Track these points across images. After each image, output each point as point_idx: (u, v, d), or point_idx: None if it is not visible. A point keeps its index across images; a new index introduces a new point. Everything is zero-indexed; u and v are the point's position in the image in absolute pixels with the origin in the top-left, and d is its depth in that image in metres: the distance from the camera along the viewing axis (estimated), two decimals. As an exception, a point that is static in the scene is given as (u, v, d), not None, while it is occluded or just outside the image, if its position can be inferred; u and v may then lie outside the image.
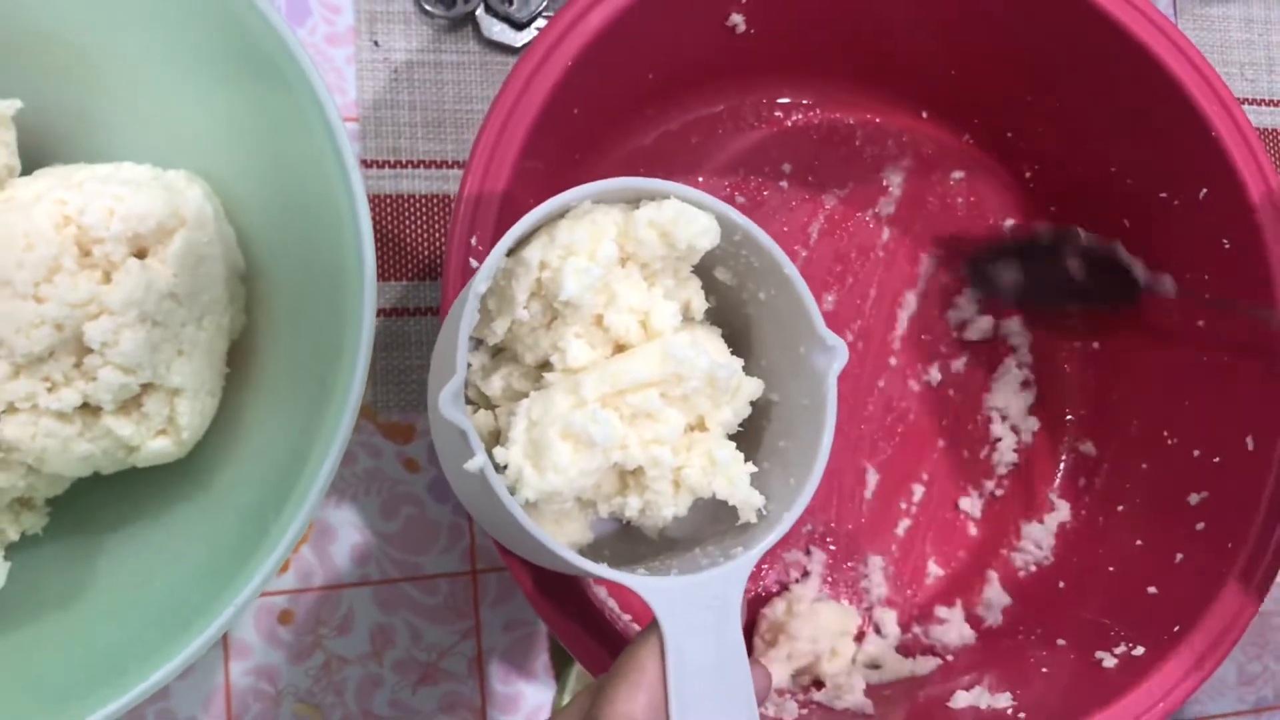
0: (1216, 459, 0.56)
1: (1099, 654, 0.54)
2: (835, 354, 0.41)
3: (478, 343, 0.44)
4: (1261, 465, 0.54)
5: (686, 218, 0.40)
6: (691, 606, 0.38)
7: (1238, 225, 0.55)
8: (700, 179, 0.61)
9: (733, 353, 0.43)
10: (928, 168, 0.64)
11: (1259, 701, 0.65)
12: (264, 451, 0.49)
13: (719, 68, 0.60)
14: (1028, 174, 0.64)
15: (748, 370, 0.43)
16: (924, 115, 0.64)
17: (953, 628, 0.60)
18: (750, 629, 0.58)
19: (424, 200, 0.59)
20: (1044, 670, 0.55)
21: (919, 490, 0.62)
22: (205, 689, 0.54)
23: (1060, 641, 0.57)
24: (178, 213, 0.47)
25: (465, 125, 0.59)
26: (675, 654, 0.37)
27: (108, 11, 0.48)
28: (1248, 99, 0.71)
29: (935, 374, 0.63)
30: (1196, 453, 0.57)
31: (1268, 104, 0.71)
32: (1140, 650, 0.53)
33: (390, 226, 0.58)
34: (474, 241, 0.48)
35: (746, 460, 0.42)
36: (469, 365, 0.44)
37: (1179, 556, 0.55)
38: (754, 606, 0.59)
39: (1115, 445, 0.62)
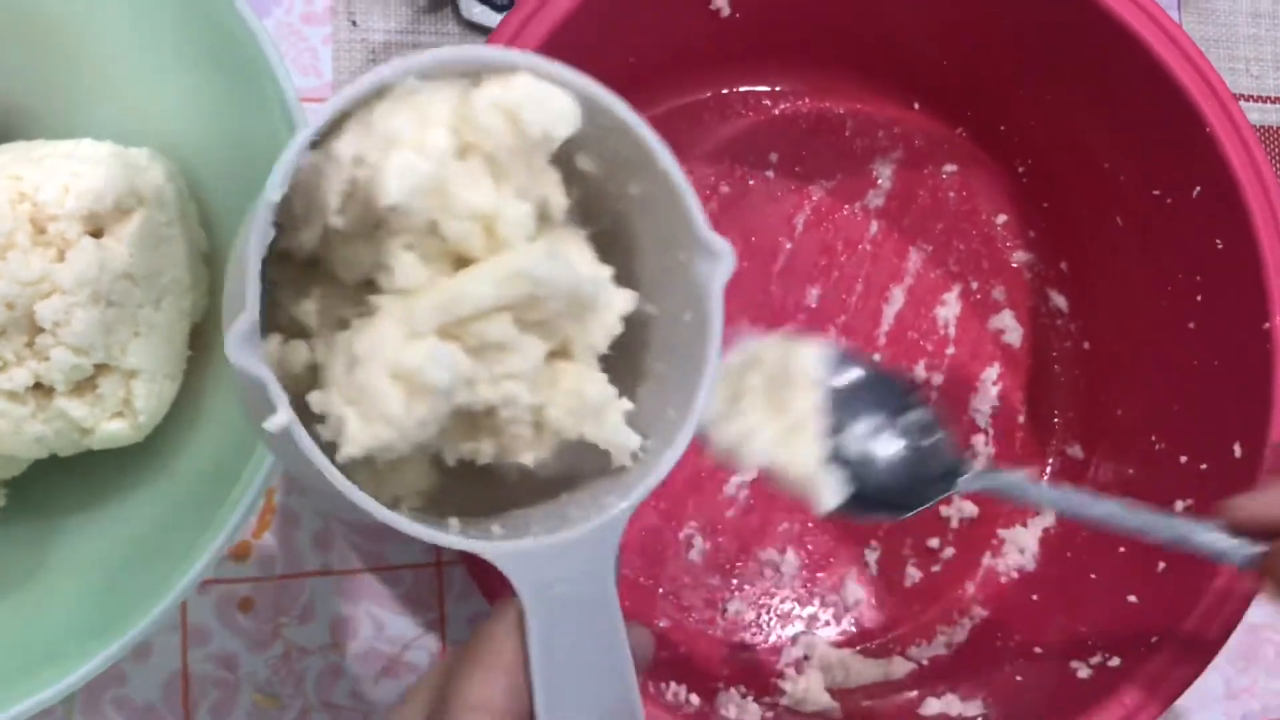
0: (1203, 465, 0.55)
1: (1074, 664, 0.53)
2: (720, 259, 0.35)
3: (283, 258, 0.35)
4: (1248, 473, 0.52)
5: (541, 98, 0.32)
6: (557, 572, 0.33)
7: (1231, 225, 0.54)
8: (684, 166, 0.60)
9: (600, 259, 0.36)
10: (919, 160, 0.63)
11: (1246, 715, 0.64)
12: (220, 436, 0.49)
13: (703, 53, 0.59)
14: (1020, 169, 0.63)
15: (619, 279, 0.36)
16: (916, 106, 0.63)
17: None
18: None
19: (398, 184, 0.58)
20: (1018, 679, 0.55)
21: (899, 490, 0.61)
22: (163, 675, 0.53)
23: (1037, 649, 0.56)
24: (137, 191, 0.46)
25: (441, 109, 0.59)
26: (539, 629, 0.32)
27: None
28: (1253, 95, 0.69)
29: (921, 372, 0.62)
30: (1184, 458, 0.56)
31: (1273, 101, 0.70)
32: (1116, 661, 0.52)
33: (363, 210, 0.58)
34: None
35: (620, 392, 0.36)
36: (274, 285, 0.35)
37: (1161, 565, 0.54)
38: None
39: (1103, 449, 0.61)
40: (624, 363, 0.37)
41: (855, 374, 0.45)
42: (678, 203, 0.35)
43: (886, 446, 0.45)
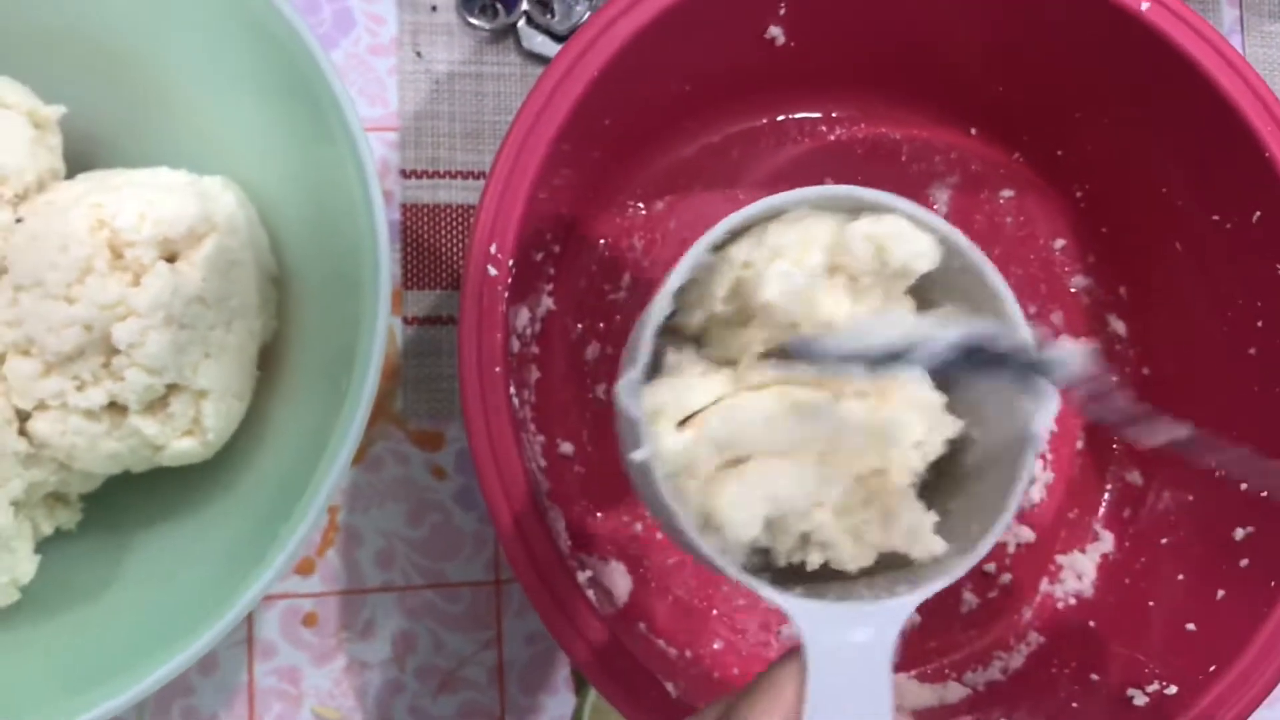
0: (1264, 493, 0.54)
1: (1131, 691, 0.52)
2: (1045, 402, 0.38)
3: (674, 331, 0.42)
4: (1310, 501, 0.52)
5: (905, 236, 0.38)
6: (841, 636, 0.36)
7: (1292, 249, 0.53)
8: (740, 193, 0.61)
9: (939, 384, 0.41)
10: (976, 185, 0.63)
11: (1309, 748, 0.62)
12: (285, 453, 0.50)
13: (759, 80, 0.59)
14: (1078, 194, 0.63)
15: (953, 403, 0.41)
16: (972, 132, 0.63)
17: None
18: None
19: (461, 210, 0.59)
20: (1074, 705, 0.54)
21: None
22: (229, 688, 0.55)
23: (1094, 676, 0.55)
24: (209, 218, 0.48)
25: (503, 136, 0.60)
26: (816, 682, 0.35)
27: (153, 24, 0.50)
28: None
29: (978, 396, 0.62)
30: (1244, 486, 0.55)
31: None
32: (1173, 689, 0.51)
33: (427, 236, 0.59)
34: (493, 249, 0.48)
35: (930, 505, 0.40)
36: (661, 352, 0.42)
37: (1221, 593, 0.53)
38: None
39: (1162, 475, 0.60)
40: (943, 475, 0.42)
41: None
42: (1017, 344, 0.38)
43: None
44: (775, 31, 0.56)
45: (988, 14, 0.56)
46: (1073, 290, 0.63)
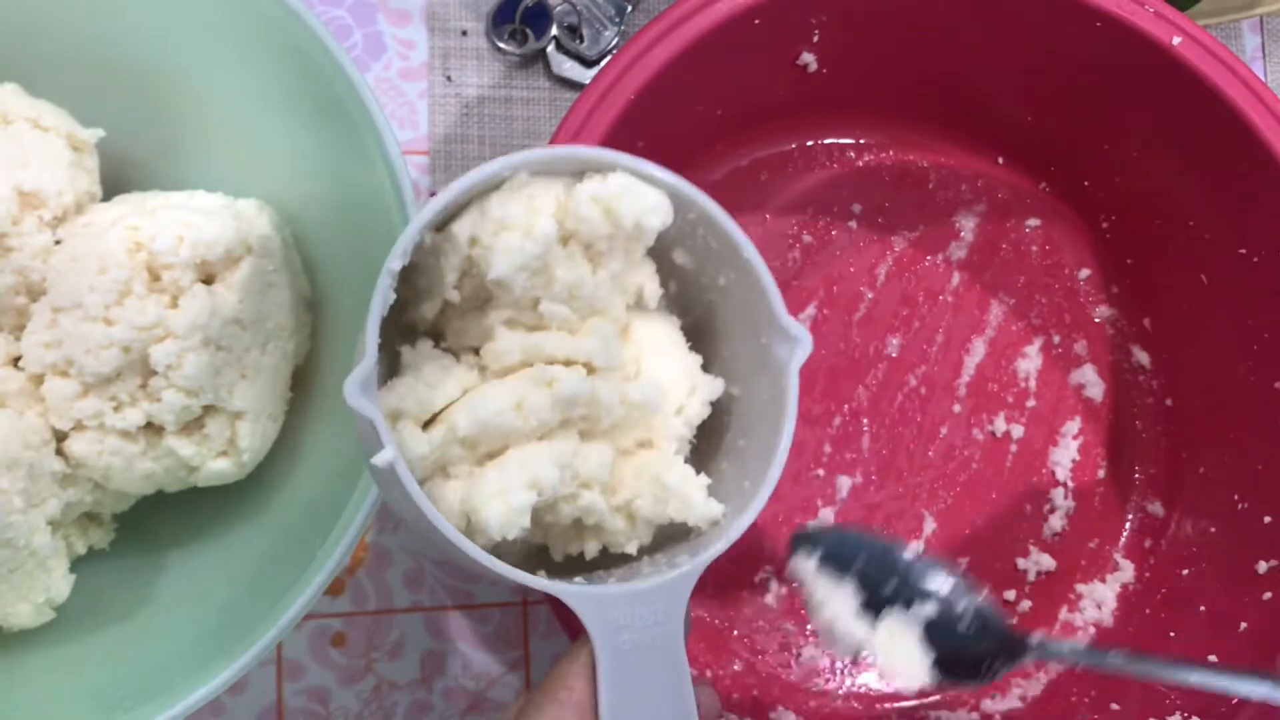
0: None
1: (1151, 721, 0.53)
2: (797, 344, 0.38)
3: (408, 330, 0.40)
4: (1332, 536, 0.52)
5: (633, 193, 0.36)
6: (628, 619, 0.35)
7: (1319, 284, 0.54)
8: (767, 216, 0.61)
9: (694, 345, 0.40)
10: (1002, 214, 0.63)
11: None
12: (319, 475, 0.50)
13: (790, 106, 0.60)
14: (1104, 224, 0.63)
15: (709, 362, 0.40)
16: (1000, 160, 0.63)
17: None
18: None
19: (491, 233, 0.60)
20: (1096, 735, 0.54)
21: (976, 542, 0.61)
22: (259, 706, 0.55)
23: (1114, 706, 0.55)
24: (245, 241, 0.48)
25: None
26: (608, 672, 0.35)
27: (189, 49, 0.50)
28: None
29: (1001, 424, 0.62)
30: (1267, 519, 0.55)
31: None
32: (1195, 720, 0.51)
33: (457, 258, 0.59)
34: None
35: (700, 469, 0.39)
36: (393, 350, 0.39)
37: (1243, 625, 0.54)
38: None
39: (1184, 506, 0.61)
40: (709, 437, 0.41)
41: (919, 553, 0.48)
42: (760, 290, 0.38)
43: (956, 613, 0.48)
44: (808, 58, 0.56)
45: (1018, 46, 0.56)
46: (1097, 320, 0.63)
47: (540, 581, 0.36)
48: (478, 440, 0.36)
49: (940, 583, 0.47)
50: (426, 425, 0.37)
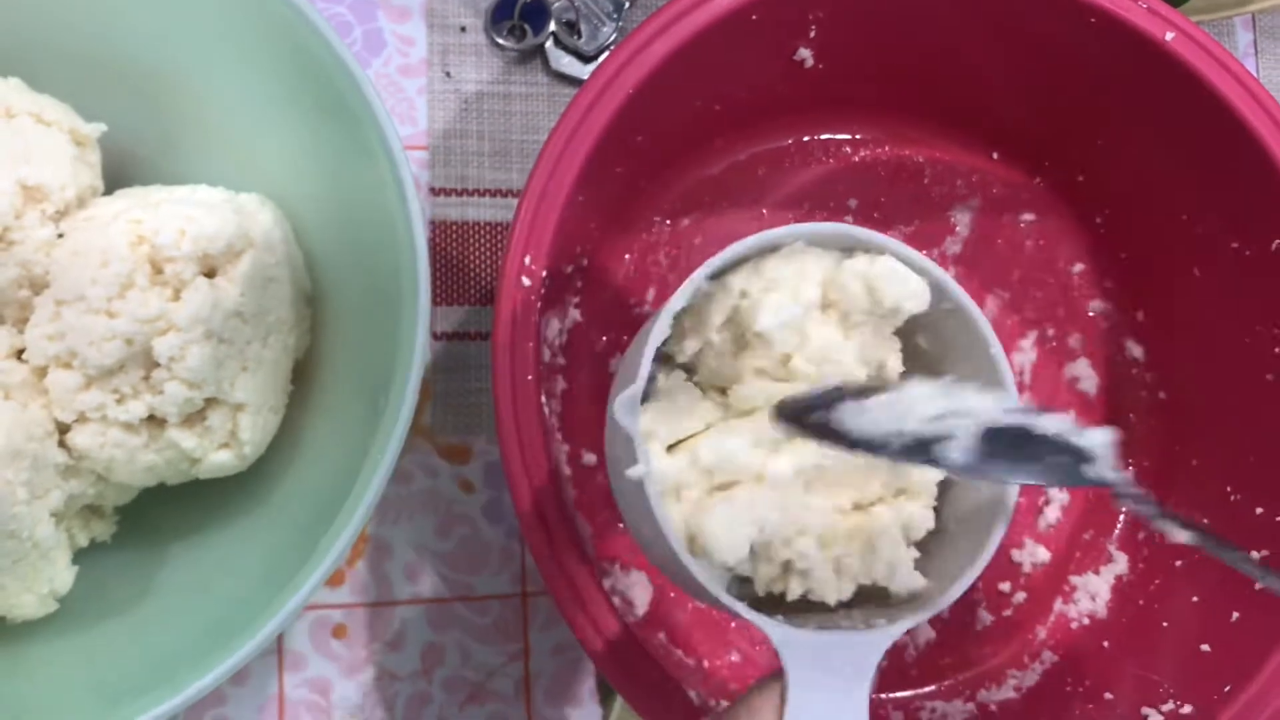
0: (1279, 517, 0.55)
1: (1145, 710, 0.53)
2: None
3: (666, 359, 0.44)
4: (1325, 526, 0.53)
5: (898, 277, 0.40)
6: (821, 665, 0.37)
7: (1310, 278, 0.54)
8: (765, 210, 0.62)
9: None
10: (997, 209, 0.64)
11: (1320, 767, 0.63)
12: (319, 467, 0.51)
13: (787, 102, 0.60)
14: (1098, 219, 0.63)
15: None
16: (994, 156, 0.64)
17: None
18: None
19: (489, 228, 0.60)
20: (1089, 725, 0.55)
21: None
22: (260, 698, 0.55)
23: (1108, 695, 0.56)
24: (247, 235, 0.49)
25: (531, 155, 0.61)
26: (795, 708, 0.36)
27: (191, 44, 0.50)
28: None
29: (996, 417, 0.62)
30: (1259, 510, 0.56)
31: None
32: (1188, 709, 0.52)
33: (455, 252, 0.59)
34: (528, 260, 0.49)
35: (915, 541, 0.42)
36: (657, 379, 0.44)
37: (1235, 615, 0.54)
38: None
39: (1177, 498, 0.61)
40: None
41: None
42: (1000, 385, 0.41)
43: None
44: (805, 54, 0.57)
45: (1013, 42, 0.57)
46: (1091, 314, 0.64)
47: (751, 614, 0.38)
48: (715, 470, 0.39)
49: None
50: (670, 448, 0.41)
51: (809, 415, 0.37)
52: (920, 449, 0.36)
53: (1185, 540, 0.38)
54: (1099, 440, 0.37)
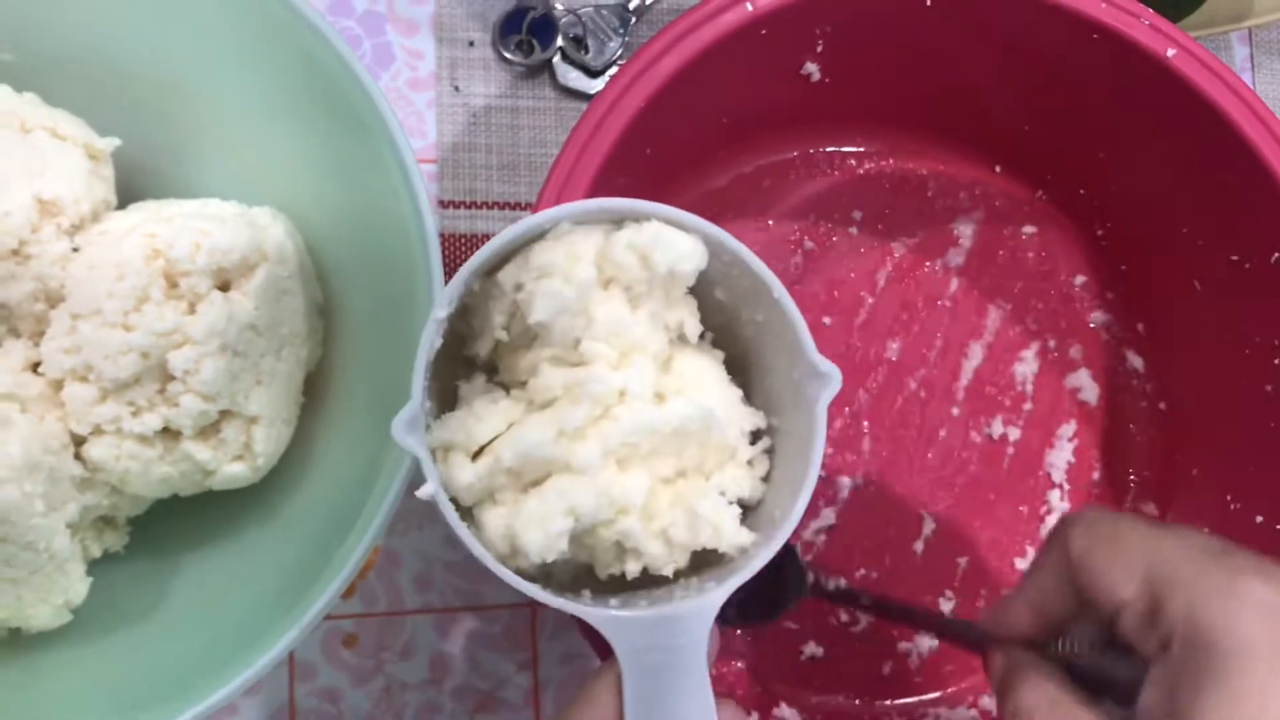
0: (1279, 525, 0.55)
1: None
2: (826, 381, 0.39)
3: (469, 362, 0.43)
4: (1323, 535, 0.53)
5: (666, 241, 0.39)
6: (654, 641, 0.37)
7: (1310, 291, 0.55)
8: (770, 222, 0.62)
9: (738, 379, 0.42)
10: (999, 221, 0.64)
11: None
12: (333, 479, 0.51)
13: (793, 115, 0.61)
14: (1100, 231, 0.64)
15: (749, 395, 0.42)
16: (997, 169, 0.64)
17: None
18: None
19: (498, 240, 0.60)
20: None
21: (975, 543, 0.62)
22: (271, 707, 0.56)
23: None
24: (260, 248, 0.49)
25: (539, 168, 0.61)
26: (634, 691, 0.36)
27: (204, 58, 0.51)
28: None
29: (998, 427, 0.63)
30: (1259, 519, 0.56)
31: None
32: (1191, 717, 0.52)
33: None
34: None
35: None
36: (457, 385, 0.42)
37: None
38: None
39: (1177, 508, 0.62)
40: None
41: None
42: (792, 329, 0.40)
43: None
44: (811, 68, 0.57)
45: (1016, 57, 0.57)
46: (1092, 325, 0.65)
47: (566, 604, 0.38)
48: (521, 470, 0.38)
49: None
50: (476, 455, 0.39)
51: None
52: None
53: None
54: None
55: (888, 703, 0.60)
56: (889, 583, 0.61)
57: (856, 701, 0.60)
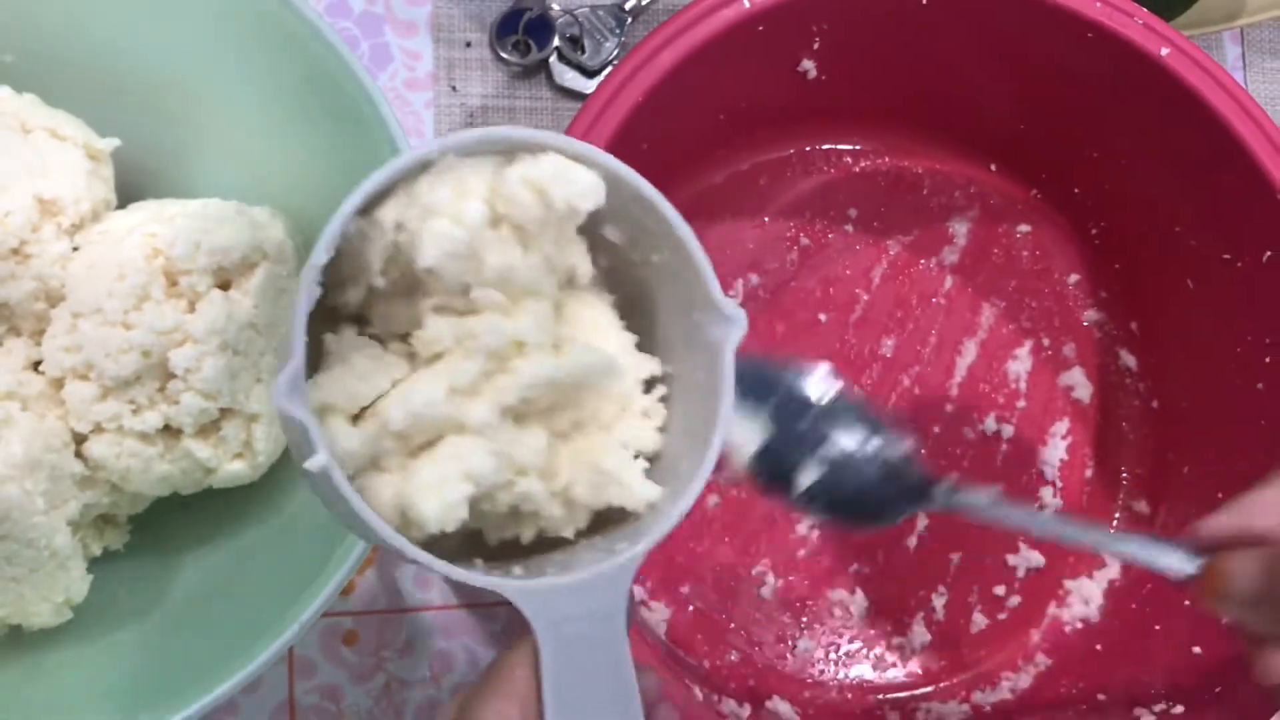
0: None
1: (1138, 710, 0.54)
2: (733, 324, 0.36)
3: (330, 314, 0.37)
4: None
5: (567, 175, 0.35)
6: (567, 610, 0.34)
7: (1302, 290, 0.55)
8: (766, 219, 0.63)
9: (627, 324, 0.39)
10: (994, 219, 0.65)
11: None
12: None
13: (790, 112, 0.61)
14: (1093, 230, 0.65)
15: (643, 340, 0.39)
16: (992, 168, 0.65)
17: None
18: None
19: (496, 238, 0.61)
20: (1082, 724, 0.56)
21: (967, 539, 0.63)
22: (271, 705, 0.56)
23: (1100, 696, 0.57)
24: (260, 247, 0.49)
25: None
26: (550, 662, 0.34)
27: (203, 58, 0.51)
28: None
29: (991, 423, 0.63)
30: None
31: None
32: (1180, 709, 0.53)
33: (462, 262, 0.60)
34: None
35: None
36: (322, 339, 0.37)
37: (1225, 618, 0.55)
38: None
39: (1169, 504, 0.62)
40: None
41: (837, 393, 0.47)
42: (695, 269, 0.36)
43: (863, 456, 0.47)
44: (808, 65, 0.57)
45: (1011, 56, 0.58)
46: (1085, 324, 0.65)
47: (479, 577, 0.34)
48: (412, 431, 0.35)
49: (853, 429, 0.47)
50: (355, 418, 0.36)
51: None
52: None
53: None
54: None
55: (880, 697, 0.61)
56: (882, 576, 0.61)
57: (849, 695, 0.60)
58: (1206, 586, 0.43)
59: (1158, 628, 0.59)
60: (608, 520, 0.38)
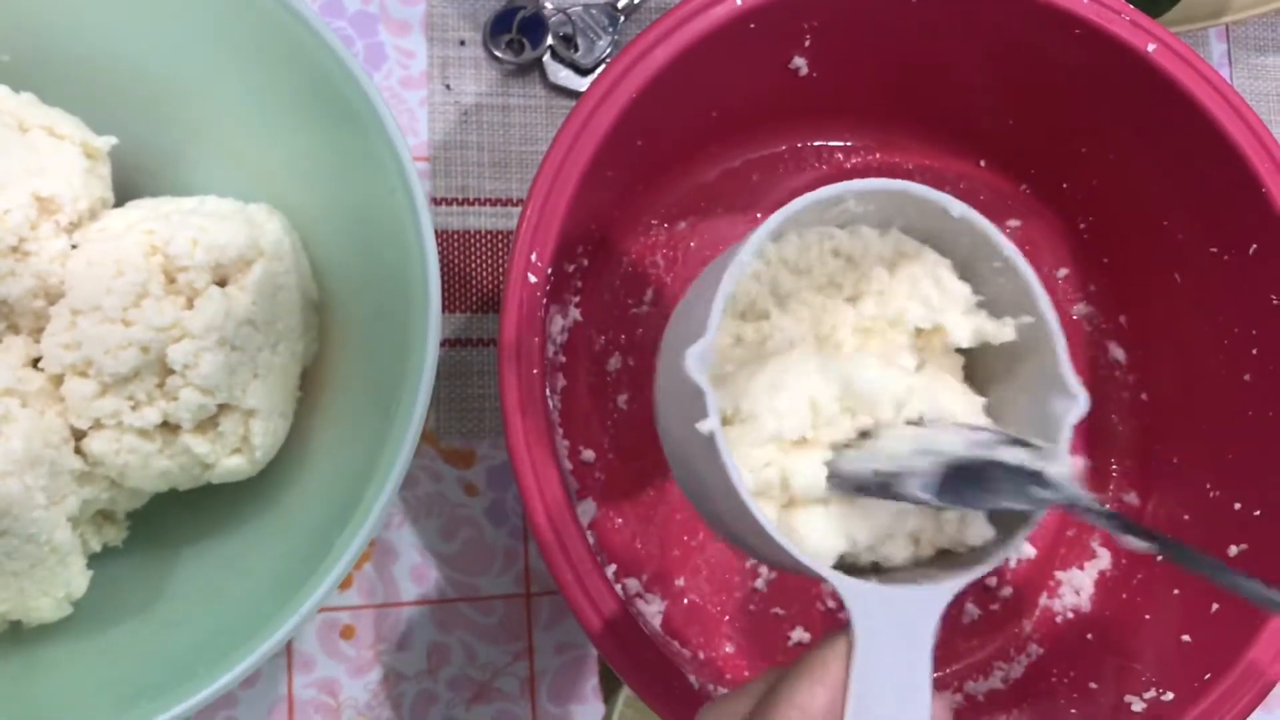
0: (1257, 512, 0.56)
1: (1128, 698, 0.54)
2: (1076, 402, 0.39)
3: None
4: (1301, 519, 0.54)
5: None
6: (886, 617, 0.37)
7: (1288, 282, 0.56)
8: (759, 215, 0.63)
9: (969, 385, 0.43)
10: (984, 214, 0.65)
11: (1298, 754, 0.65)
12: (330, 472, 0.52)
13: (781, 109, 0.61)
14: (1082, 225, 0.65)
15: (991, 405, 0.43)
16: (982, 163, 0.65)
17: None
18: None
19: (489, 236, 0.61)
20: (1073, 712, 0.56)
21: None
22: (269, 699, 0.56)
23: (1092, 685, 0.57)
24: (257, 244, 0.50)
25: (529, 165, 0.62)
26: (862, 660, 0.36)
27: (200, 57, 0.51)
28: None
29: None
30: (1237, 505, 0.57)
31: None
32: (1170, 696, 0.53)
33: (456, 261, 0.61)
34: (534, 258, 0.50)
35: None
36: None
37: (1215, 606, 0.55)
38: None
39: (1158, 496, 0.63)
40: None
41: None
42: (1047, 343, 0.40)
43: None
44: (799, 62, 0.58)
45: (1000, 53, 0.58)
46: (1074, 317, 0.65)
47: (825, 571, 0.37)
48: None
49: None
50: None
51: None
52: (886, 486, 0.38)
53: (1146, 550, 0.39)
54: (1058, 471, 0.38)
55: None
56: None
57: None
58: None
59: (1148, 617, 0.59)
60: (928, 555, 0.42)
